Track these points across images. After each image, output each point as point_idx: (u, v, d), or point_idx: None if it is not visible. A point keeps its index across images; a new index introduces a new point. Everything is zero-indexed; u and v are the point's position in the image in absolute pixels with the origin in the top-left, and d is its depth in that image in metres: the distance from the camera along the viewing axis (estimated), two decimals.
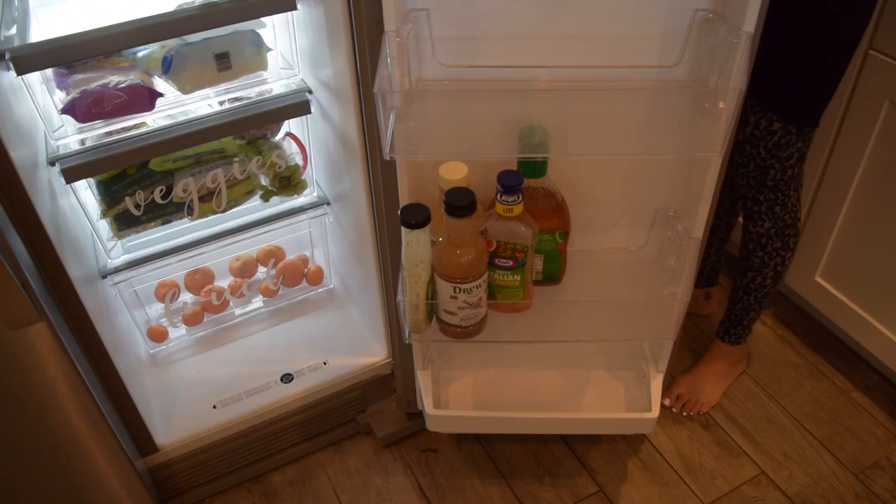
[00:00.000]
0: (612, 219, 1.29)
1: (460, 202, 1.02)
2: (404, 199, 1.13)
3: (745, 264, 1.50)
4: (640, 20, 1.02)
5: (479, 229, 1.10)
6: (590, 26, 1.03)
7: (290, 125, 1.44)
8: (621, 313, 1.27)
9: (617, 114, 1.08)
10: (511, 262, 1.12)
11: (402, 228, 1.05)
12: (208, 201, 1.37)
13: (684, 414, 1.63)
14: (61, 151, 1.17)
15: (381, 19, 0.96)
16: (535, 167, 1.11)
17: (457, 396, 1.46)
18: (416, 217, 1.04)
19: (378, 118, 0.96)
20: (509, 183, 1.04)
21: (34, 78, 1.14)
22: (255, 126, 1.33)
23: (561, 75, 1.06)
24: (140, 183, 1.30)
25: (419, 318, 1.16)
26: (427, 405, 1.34)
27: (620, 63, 1.05)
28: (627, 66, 1.06)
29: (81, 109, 1.15)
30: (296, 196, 1.49)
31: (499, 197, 1.06)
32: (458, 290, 1.10)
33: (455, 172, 1.07)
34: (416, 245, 1.07)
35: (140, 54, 1.24)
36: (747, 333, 1.62)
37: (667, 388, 1.65)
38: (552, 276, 1.26)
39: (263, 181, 1.43)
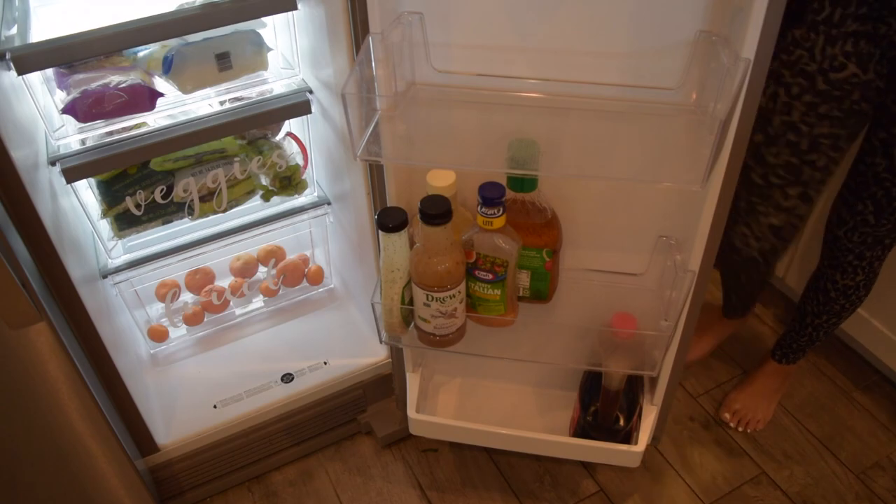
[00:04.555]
0: (611, 240, 1.24)
1: (433, 210, 1.00)
2: (392, 201, 1.12)
3: (820, 307, 1.46)
4: (642, 38, 0.98)
5: (464, 238, 1.08)
6: (591, 42, 1.00)
7: (291, 125, 1.44)
8: (608, 341, 1.20)
9: (612, 134, 1.04)
10: (491, 276, 1.09)
11: (379, 232, 1.04)
12: (209, 201, 1.37)
13: (740, 429, 1.60)
14: (62, 151, 1.17)
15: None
16: (522, 181, 1.08)
17: (444, 402, 1.44)
18: (393, 220, 1.03)
19: (348, 119, 0.94)
20: (489, 195, 1.02)
21: (35, 78, 1.14)
22: (255, 126, 1.33)
23: (558, 90, 1.03)
24: (141, 183, 1.30)
25: (394, 322, 1.14)
26: (409, 409, 1.33)
27: (621, 81, 1.02)
28: (628, 85, 1.02)
29: (82, 109, 1.15)
30: (296, 196, 1.49)
31: (479, 209, 1.03)
32: (430, 298, 1.07)
33: (442, 179, 1.05)
34: (391, 249, 1.05)
35: (141, 54, 1.24)
36: (804, 355, 1.60)
37: (721, 405, 1.64)
38: (539, 294, 1.21)
39: (264, 181, 1.43)
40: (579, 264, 1.26)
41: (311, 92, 1.30)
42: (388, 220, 1.03)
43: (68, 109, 1.15)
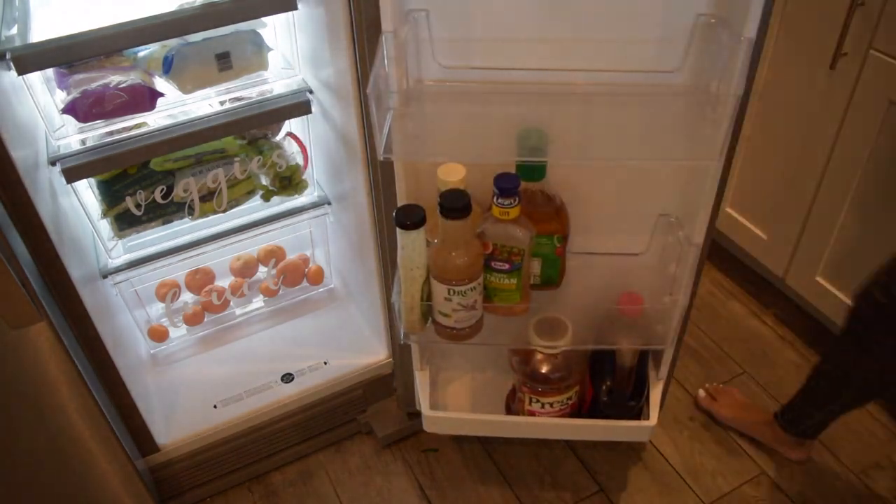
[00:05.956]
0: (613, 223, 1.27)
1: (455, 204, 1.01)
2: (402, 200, 1.12)
3: None
4: (642, 24, 1.01)
5: (477, 231, 1.09)
6: (590, 29, 1.02)
7: (291, 125, 1.44)
8: (618, 320, 1.24)
9: (617, 118, 1.07)
10: (507, 266, 1.11)
11: (398, 229, 1.05)
12: (209, 201, 1.37)
13: (701, 400, 1.63)
14: (62, 151, 1.17)
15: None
16: (533, 170, 1.10)
17: (455, 398, 1.45)
18: (412, 218, 1.03)
19: (372, 119, 0.96)
20: (506, 186, 1.03)
21: (35, 78, 1.14)
22: (255, 126, 1.33)
23: (561, 78, 1.05)
24: (141, 183, 1.30)
25: (414, 320, 1.15)
26: (424, 406, 1.33)
27: (621, 67, 1.04)
28: (628, 70, 1.04)
29: (82, 109, 1.15)
30: (296, 196, 1.49)
31: (495, 200, 1.05)
32: (452, 292, 1.08)
33: (453, 174, 1.06)
34: (410, 246, 1.06)
35: (141, 54, 1.24)
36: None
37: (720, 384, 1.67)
38: (550, 280, 1.24)
39: (264, 181, 1.44)
40: (581, 248, 1.29)
41: (311, 92, 1.30)
42: (407, 217, 1.03)
43: (68, 109, 1.15)
